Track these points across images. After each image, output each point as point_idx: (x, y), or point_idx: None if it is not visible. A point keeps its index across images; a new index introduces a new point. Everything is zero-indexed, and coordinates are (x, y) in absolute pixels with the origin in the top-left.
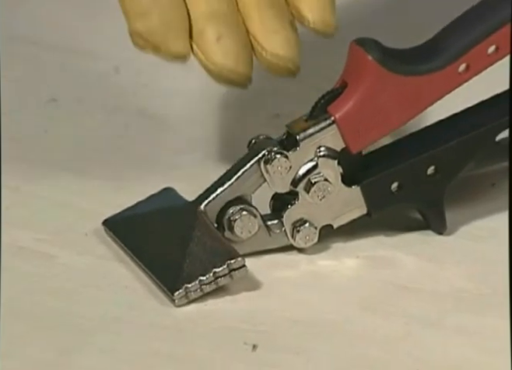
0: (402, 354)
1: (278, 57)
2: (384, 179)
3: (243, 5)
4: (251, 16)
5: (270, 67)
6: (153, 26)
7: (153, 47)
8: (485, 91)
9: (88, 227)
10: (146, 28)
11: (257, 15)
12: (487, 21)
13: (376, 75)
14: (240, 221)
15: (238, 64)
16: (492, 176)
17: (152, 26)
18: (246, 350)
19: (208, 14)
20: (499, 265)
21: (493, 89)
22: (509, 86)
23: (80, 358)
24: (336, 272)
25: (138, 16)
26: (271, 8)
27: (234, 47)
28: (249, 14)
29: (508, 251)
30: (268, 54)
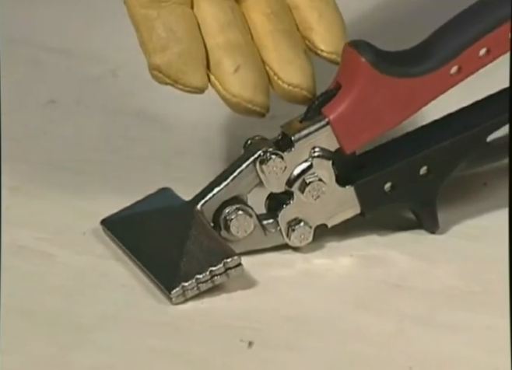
0: (395, 351)
1: (293, 86)
2: (378, 180)
3: (257, 36)
4: (266, 46)
5: (286, 95)
6: (172, 60)
7: (172, 80)
8: (476, 92)
9: (86, 226)
10: (165, 62)
11: (271, 45)
12: (478, 24)
13: (369, 77)
14: (236, 220)
15: (255, 94)
16: (483, 176)
17: (170, 60)
18: (242, 347)
19: (225, 45)
20: (490, 263)
21: (485, 90)
22: (509, 86)
23: (79, 355)
24: (330, 271)
25: (156, 51)
26: (286, 38)
27: (251, 77)
28: (264, 44)
29: (508, 251)
30: (285, 84)
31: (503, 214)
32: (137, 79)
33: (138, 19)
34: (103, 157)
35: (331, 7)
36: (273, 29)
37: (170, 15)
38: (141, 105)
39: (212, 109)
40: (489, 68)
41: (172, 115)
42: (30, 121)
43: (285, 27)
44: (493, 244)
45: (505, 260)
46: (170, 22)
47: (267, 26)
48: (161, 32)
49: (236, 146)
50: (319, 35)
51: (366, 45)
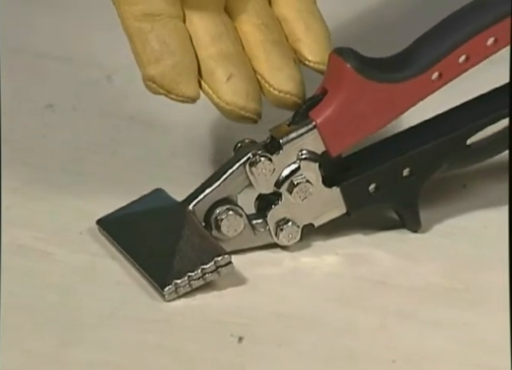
0: (379, 345)
1: (284, 92)
2: (362, 181)
3: (248, 46)
4: (257, 56)
5: (277, 102)
6: (166, 71)
7: (166, 91)
8: (456, 97)
9: (83, 226)
10: (159, 74)
11: (262, 54)
12: (457, 33)
13: (354, 83)
14: (227, 220)
15: (248, 101)
16: (463, 178)
17: (164, 71)
18: (232, 342)
19: (217, 55)
20: (470, 261)
21: (465, 95)
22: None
23: (76, 351)
24: (317, 268)
25: (151, 63)
26: (275, 48)
27: (243, 85)
28: (255, 54)
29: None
30: (275, 90)
31: (482, 214)
32: (131, 84)
33: (133, 32)
34: (99, 159)
35: (317, 19)
36: (263, 40)
37: (163, 28)
38: (135, 108)
39: (203, 113)
40: (469, 74)
41: (165, 118)
42: (29, 124)
43: (274, 38)
44: (473, 243)
45: (484, 258)
46: (163, 35)
47: (257, 37)
48: (155, 44)
49: (227, 149)
50: (306, 46)
51: (351, 52)
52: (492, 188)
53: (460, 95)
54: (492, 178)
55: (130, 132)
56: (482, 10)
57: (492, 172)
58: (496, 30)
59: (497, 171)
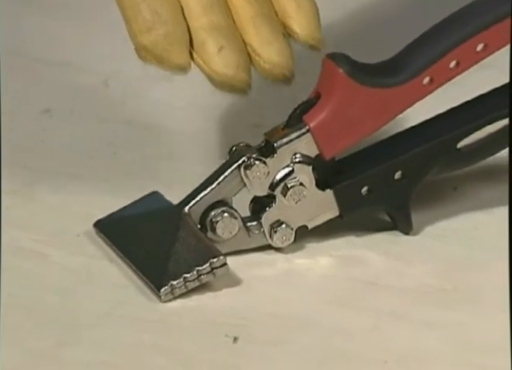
0: (372, 345)
1: (273, 64)
2: (355, 184)
3: (239, 20)
4: (247, 30)
5: (267, 74)
6: (157, 40)
7: (157, 59)
8: (448, 101)
9: (80, 229)
10: (151, 42)
11: (253, 28)
12: (448, 38)
13: (347, 87)
14: (222, 222)
15: (238, 72)
16: (454, 181)
17: (156, 40)
18: (227, 343)
19: (208, 26)
20: (460, 263)
21: (455, 99)
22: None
23: (74, 350)
24: (311, 270)
25: (142, 32)
26: (266, 22)
27: (234, 57)
28: (245, 28)
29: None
30: (265, 63)
31: (473, 216)
32: (128, 89)
33: (125, 2)
34: (96, 162)
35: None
36: (254, 14)
37: None
38: (131, 113)
39: (198, 118)
40: (460, 79)
41: (161, 123)
42: (28, 129)
43: (264, 12)
44: (464, 244)
45: (475, 259)
46: (154, 5)
47: (248, 11)
48: (146, 14)
49: (222, 152)
50: (296, 22)
51: (344, 57)
52: (483, 190)
53: (451, 100)
54: (482, 180)
55: (126, 136)
56: (471, 17)
57: (482, 175)
58: (485, 36)
59: (487, 174)
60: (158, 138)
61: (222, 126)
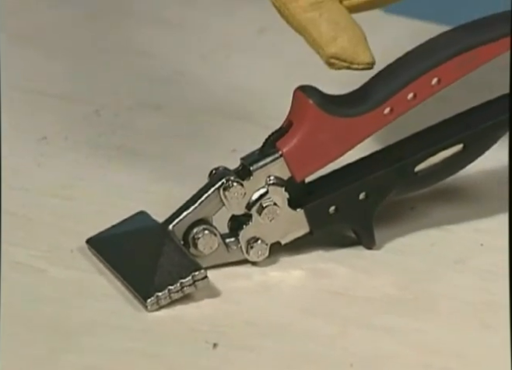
0: (338, 350)
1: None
2: (324, 203)
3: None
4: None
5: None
6: (344, 46)
7: (349, 63)
8: (406, 129)
9: (74, 245)
10: (340, 49)
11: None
12: (406, 73)
13: (316, 116)
14: (203, 239)
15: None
16: (411, 201)
17: (343, 46)
18: (207, 348)
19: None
20: (418, 275)
21: (413, 127)
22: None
23: (67, 356)
24: (284, 282)
25: (329, 42)
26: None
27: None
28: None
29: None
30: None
31: (429, 233)
32: (117, 118)
33: (306, 23)
34: (88, 184)
35: None
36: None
37: (329, 11)
38: (121, 140)
39: (180, 144)
40: (417, 109)
41: (147, 149)
42: (26, 154)
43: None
44: (421, 258)
45: (431, 272)
46: (331, 17)
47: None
48: (327, 26)
49: (201, 175)
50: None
51: (314, 89)
52: (438, 210)
53: (409, 128)
54: (437, 201)
55: (117, 161)
56: (427, 54)
57: (437, 196)
58: (438, 72)
59: (441, 195)
60: (145, 163)
61: (203, 151)
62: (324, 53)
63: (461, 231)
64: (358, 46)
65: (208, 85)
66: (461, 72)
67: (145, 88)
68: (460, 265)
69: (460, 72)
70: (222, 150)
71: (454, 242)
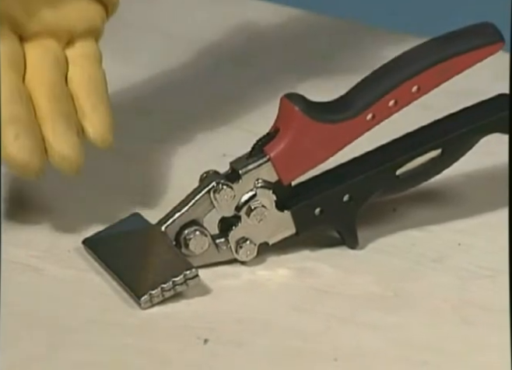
0: (323, 345)
1: (63, 157)
2: (309, 205)
3: (40, 114)
4: (45, 124)
5: (57, 165)
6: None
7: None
8: (387, 134)
9: (70, 245)
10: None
11: (49, 123)
12: (388, 81)
13: (302, 123)
14: (194, 239)
15: (31, 159)
16: (393, 203)
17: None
18: (198, 344)
19: (9, 117)
20: (399, 273)
21: (395, 132)
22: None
23: (65, 351)
24: (271, 280)
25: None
26: (62, 118)
27: (28, 145)
28: (44, 122)
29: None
30: (56, 155)
31: (410, 233)
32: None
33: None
34: (85, 188)
35: (103, 101)
36: (52, 110)
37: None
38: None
39: (173, 149)
40: (398, 116)
41: (139, 154)
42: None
43: (63, 109)
44: (402, 258)
45: (412, 270)
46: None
47: (48, 108)
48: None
49: (192, 179)
50: (89, 122)
51: (299, 97)
52: (418, 211)
53: (390, 133)
54: (418, 203)
55: (110, 165)
56: (407, 63)
57: (418, 198)
58: (418, 80)
59: (422, 196)
60: (138, 166)
61: (194, 155)
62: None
63: (440, 231)
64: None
65: (199, 93)
66: (439, 80)
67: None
68: (438, 264)
69: (438, 80)
70: (213, 155)
71: (433, 242)
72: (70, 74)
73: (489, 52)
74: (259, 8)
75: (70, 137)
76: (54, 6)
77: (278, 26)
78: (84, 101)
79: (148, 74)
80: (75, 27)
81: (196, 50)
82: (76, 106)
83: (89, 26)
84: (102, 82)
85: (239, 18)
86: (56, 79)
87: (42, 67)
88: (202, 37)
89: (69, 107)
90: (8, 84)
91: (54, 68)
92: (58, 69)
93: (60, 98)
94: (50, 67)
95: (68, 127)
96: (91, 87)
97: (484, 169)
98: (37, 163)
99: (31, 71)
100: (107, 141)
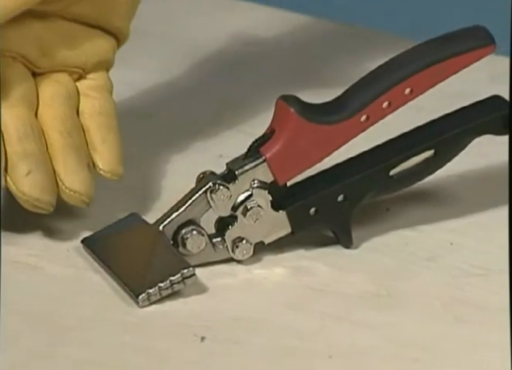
0: (318, 343)
1: (74, 191)
2: (304, 205)
3: (51, 148)
4: (56, 158)
5: (68, 199)
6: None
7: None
8: (382, 135)
9: (70, 245)
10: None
11: (61, 157)
12: (381, 83)
13: (297, 124)
14: (191, 239)
15: (42, 194)
16: (387, 203)
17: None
18: (195, 342)
19: (21, 152)
20: (393, 272)
21: (389, 133)
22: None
23: (64, 349)
24: (267, 279)
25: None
26: (73, 153)
27: (40, 180)
28: (55, 156)
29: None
30: (67, 189)
31: (403, 233)
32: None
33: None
34: None
35: (114, 134)
36: (64, 145)
37: None
38: None
39: (171, 151)
40: (391, 117)
41: (138, 155)
42: None
43: (75, 144)
44: (396, 257)
45: (405, 269)
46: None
47: (60, 142)
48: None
49: (189, 180)
50: (100, 156)
51: (295, 98)
52: (411, 211)
53: (384, 134)
54: (411, 203)
55: None
56: (400, 66)
57: (411, 198)
58: (411, 82)
59: (415, 197)
60: (137, 168)
61: (191, 157)
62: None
63: (433, 231)
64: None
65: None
66: (432, 82)
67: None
68: (431, 263)
69: (431, 82)
70: (210, 156)
71: (425, 241)
72: (81, 106)
73: (480, 54)
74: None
75: (81, 171)
76: (68, 44)
77: (275, 31)
78: (94, 134)
79: (148, 78)
80: (88, 62)
81: (194, 55)
82: (87, 139)
83: (101, 59)
84: (112, 112)
85: (237, 23)
86: (68, 113)
87: (54, 101)
88: (201, 42)
89: (80, 140)
90: (22, 120)
91: (65, 102)
92: (70, 103)
93: (71, 132)
94: (62, 101)
95: (78, 161)
96: (101, 119)
97: (476, 169)
98: (48, 199)
99: (43, 106)
100: (117, 173)
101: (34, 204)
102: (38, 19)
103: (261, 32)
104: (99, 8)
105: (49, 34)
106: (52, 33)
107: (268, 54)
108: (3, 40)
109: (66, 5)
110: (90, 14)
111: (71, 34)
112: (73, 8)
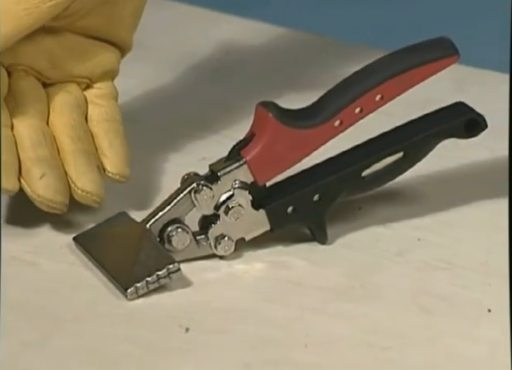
0: (296, 333)
1: (86, 191)
2: (283, 204)
3: (62, 153)
4: (68, 162)
5: (80, 199)
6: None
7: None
8: (355, 139)
9: (62, 242)
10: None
11: (72, 161)
12: (353, 90)
13: (275, 128)
14: (176, 236)
15: (56, 196)
16: (359, 202)
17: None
18: (180, 332)
19: (34, 158)
20: (365, 267)
21: (361, 137)
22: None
23: (57, 340)
24: (247, 273)
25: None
26: (83, 156)
27: (53, 183)
28: (66, 160)
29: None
30: (79, 190)
31: (374, 230)
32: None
33: None
34: None
35: (119, 139)
36: (75, 149)
37: None
38: None
39: (157, 153)
40: (363, 122)
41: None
42: None
43: (84, 148)
44: (368, 252)
45: (376, 264)
46: None
47: (70, 146)
48: None
49: (174, 181)
50: (108, 160)
51: (273, 104)
52: (382, 209)
53: (356, 138)
54: (382, 202)
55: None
56: (371, 74)
57: (381, 197)
58: (381, 89)
59: (386, 196)
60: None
61: (176, 159)
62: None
63: (402, 228)
64: (5, 171)
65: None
66: (401, 90)
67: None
68: (400, 258)
69: (400, 90)
70: (193, 158)
71: (395, 237)
72: (89, 113)
73: (445, 64)
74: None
75: (91, 173)
76: (76, 56)
77: (254, 40)
78: (102, 139)
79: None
80: (94, 72)
81: (180, 63)
82: (96, 144)
83: (107, 70)
84: (118, 118)
85: (220, 33)
86: (77, 120)
87: (64, 109)
88: (185, 51)
89: (89, 145)
90: (34, 129)
91: (74, 110)
92: (79, 110)
93: (81, 137)
94: (72, 109)
95: (88, 164)
96: (108, 125)
97: (442, 170)
98: (61, 199)
99: (54, 114)
100: (124, 175)
101: (48, 204)
102: (48, 34)
103: (242, 42)
104: (105, 21)
105: (58, 47)
106: (61, 47)
107: (249, 63)
108: (16, 54)
109: (74, 19)
110: (97, 27)
111: (79, 47)
112: (81, 23)
